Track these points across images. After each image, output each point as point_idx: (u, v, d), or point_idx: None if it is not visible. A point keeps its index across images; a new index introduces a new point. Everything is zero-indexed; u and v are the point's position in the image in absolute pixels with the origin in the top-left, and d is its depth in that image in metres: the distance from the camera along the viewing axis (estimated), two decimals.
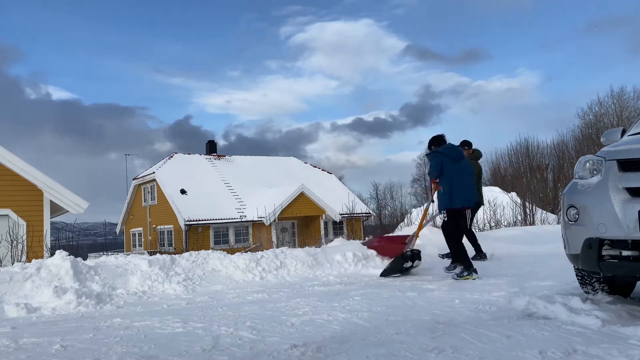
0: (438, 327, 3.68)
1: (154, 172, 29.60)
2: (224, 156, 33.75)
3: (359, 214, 29.97)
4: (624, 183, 3.72)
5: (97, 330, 4.05)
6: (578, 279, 4.56)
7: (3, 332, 4.03)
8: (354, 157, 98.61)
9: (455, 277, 6.33)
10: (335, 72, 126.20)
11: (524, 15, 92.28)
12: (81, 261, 6.31)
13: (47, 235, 12.51)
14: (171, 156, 31.84)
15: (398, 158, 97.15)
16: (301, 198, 28.29)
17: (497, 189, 22.88)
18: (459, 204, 6.60)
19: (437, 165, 6.66)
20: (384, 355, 3.02)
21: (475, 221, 12.93)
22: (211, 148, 34.30)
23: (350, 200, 28.30)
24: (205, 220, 26.72)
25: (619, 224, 3.64)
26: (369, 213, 32.51)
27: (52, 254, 6.51)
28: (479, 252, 8.43)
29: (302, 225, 30.11)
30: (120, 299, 5.61)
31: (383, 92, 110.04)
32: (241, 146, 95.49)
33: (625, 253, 3.68)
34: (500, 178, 35.52)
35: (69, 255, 6.21)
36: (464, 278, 6.26)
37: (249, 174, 31.19)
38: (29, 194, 12.67)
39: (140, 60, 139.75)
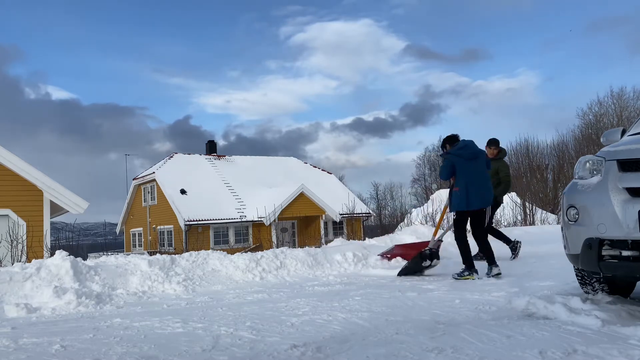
0: (438, 327, 3.68)
1: (154, 172, 29.61)
2: (224, 156, 33.75)
3: (359, 214, 30.00)
4: (624, 183, 3.71)
5: (97, 330, 4.06)
6: (578, 279, 4.56)
7: (3, 332, 4.03)
8: (354, 157, 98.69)
9: (455, 277, 6.33)
10: (335, 72, 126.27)
11: (524, 15, 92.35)
12: (81, 261, 6.32)
13: (47, 235, 12.51)
14: (171, 156, 31.84)
15: (398, 158, 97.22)
16: (301, 198, 28.30)
17: None
18: (476, 205, 6.34)
19: (446, 168, 6.45)
20: (384, 355, 3.02)
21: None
22: (211, 148, 34.32)
23: (350, 200, 28.30)
24: (205, 220, 26.72)
25: (619, 224, 3.64)
26: (369, 213, 32.52)
27: (52, 254, 6.51)
28: (508, 242, 8.58)
29: (302, 225, 30.12)
30: (120, 299, 5.61)
31: (383, 92, 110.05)
32: (241, 146, 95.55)
33: (625, 253, 3.68)
34: None
35: (69, 255, 6.21)
36: (464, 278, 6.26)
37: (249, 174, 31.20)
38: (29, 194, 12.67)
39: (139, 60, 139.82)
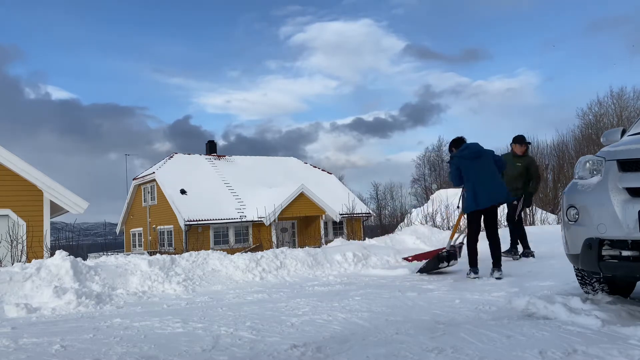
0: (438, 327, 3.68)
1: (154, 172, 29.59)
2: (224, 156, 33.74)
3: (359, 214, 29.96)
4: (624, 183, 3.71)
5: (97, 330, 4.06)
6: (578, 279, 4.56)
7: (3, 332, 4.03)
8: (354, 157, 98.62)
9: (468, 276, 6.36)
10: (335, 72, 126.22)
11: (524, 15, 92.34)
12: (81, 261, 6.32)
13: (47, 235, 12.50)
14: (171, 156, 31.83)
15: (398, 158, 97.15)
16: (301, 198, 28.29)
17: None
18: (485, 203, 6.31)
19: (454, 172, 6.48)
20: (384, 355, 3.02)
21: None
22: (211, 148, 34.30)
23: (350, 200, 28.26)
24: (205, 220, 26.71)
25: (619, 224, 3.64)
26: (369, 213, 32.51)
27: (52, 254, 6.51)
28: (526, 247, 8.38)
29: (302, 225, 30.11)
30: (120, 299, 5.61)
31: (383, 92, 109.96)
32: (241, 146, 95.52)
33: (625, 253, 3.68)
34: None
35: (68, 255, 6.21)
36: (469, 278, 6.29)
37: (249, 174, 31.18)
38: (29, 194, 12.66)
39: (139, 60, 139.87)
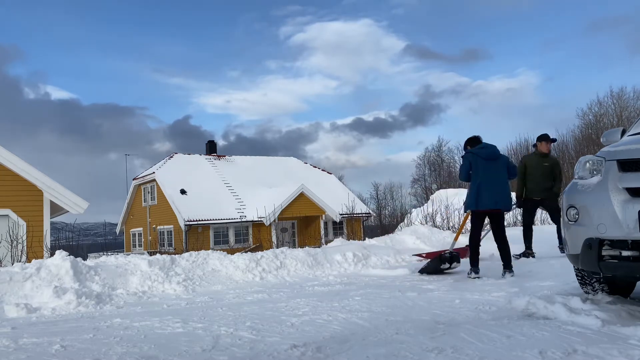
0: (438, 327, 3.67)
1: (154, 172, 29.58)
2: (224, 156, 33.74)
3: (359, 214, 29.97)
4: (624, 183, 3.71)
5: (97, 330, 4.06)
6: (578, 279, 4.56)
7: (3, 332, 4.03)
8: (354, 157, 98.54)
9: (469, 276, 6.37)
10: (335, 72, 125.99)
11: (524, 15, 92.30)
12: (81, 261, 6.32)
13: (47, 235, 12.50)
14: (171, 156, 31.83)
15: (398, 158, 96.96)
16: (301, 198, 28.29)
17: None
18: (485, 205, 6.28)
19: (465, 167, 6.43)
20: (384, 355, 3.02)
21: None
22: (211, 148, 34.29)
23: (350, 200, 28.25)
24: (205, 220, 26.71)
25: (619, 224, 3.64)
26: (369, 213, 32.50)
27: (52, 254, 6.51)
28: (528, 247, 8.27)
29: (302, 225, 30.11)
30: (120, 299, 5.61)
31: (383, 92, 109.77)
32: (241, 146, 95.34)
33: (625, 253, 3.68)
34: None
35: (68, 255, 6.22)
36: (470, 277, 6.31)
37: (249, 174, 31.18)
38: (29, 194, 12.66)
39: (139, 60, 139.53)
